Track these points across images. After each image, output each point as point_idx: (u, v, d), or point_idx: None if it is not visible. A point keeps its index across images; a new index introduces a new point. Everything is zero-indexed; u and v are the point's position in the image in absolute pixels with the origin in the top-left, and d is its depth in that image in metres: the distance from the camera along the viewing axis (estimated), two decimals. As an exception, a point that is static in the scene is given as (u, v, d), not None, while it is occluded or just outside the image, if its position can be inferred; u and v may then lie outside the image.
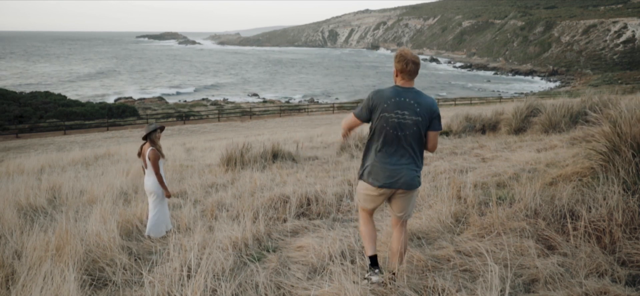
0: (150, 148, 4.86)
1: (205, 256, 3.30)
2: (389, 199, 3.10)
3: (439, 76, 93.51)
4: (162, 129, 4.99)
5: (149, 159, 4.83)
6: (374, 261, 3.13)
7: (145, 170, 4.96)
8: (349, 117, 3.11)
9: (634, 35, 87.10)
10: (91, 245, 3.99)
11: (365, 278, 3.10)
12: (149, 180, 4.91)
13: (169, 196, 5.01)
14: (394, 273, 3.08)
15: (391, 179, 2.95)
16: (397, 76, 3.01)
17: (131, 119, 37.61)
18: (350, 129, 3.15)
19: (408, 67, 2.94)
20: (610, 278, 3.00)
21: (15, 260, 3.69)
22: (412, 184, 3.01)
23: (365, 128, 8.78)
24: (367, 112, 3.00)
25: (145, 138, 4.92)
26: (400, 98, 2.93)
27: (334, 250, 3.69)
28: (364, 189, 3.08)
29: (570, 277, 3.03)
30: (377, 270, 3.10)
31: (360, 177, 3.10)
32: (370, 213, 3.20)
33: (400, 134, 2.93)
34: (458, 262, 3.38)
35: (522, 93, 63.14)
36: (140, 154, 4.97)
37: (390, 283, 3.03)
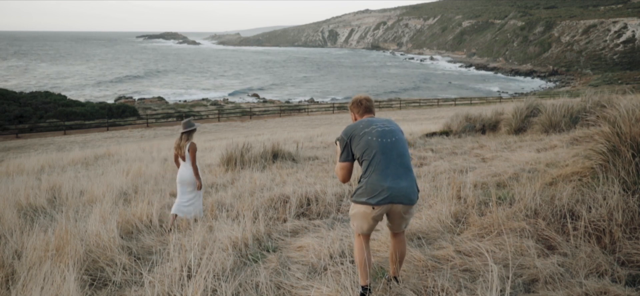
0: (190, 142, 5.30)
1: (206, 256, 3.30)
2: (387, 215, 2.92)
3: (439, 76, 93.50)
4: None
5: (189, 152, 5.26)
6: (366, 290, 2.91)
7: (182, 163, 5.33)
8: (338, 166, 3.00)
9: (634, 35, 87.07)
10: (91, 245, 3.99)
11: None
12: (187, 171, 5.27)
13: (199, 186, 5.36)
14: (394, 278, 3.09)
15: (389, 193, 2.76)
16: (358, 119, 3.11)
17: (131, 119, 37.61)
18: (346, 177, 3.01)
19: (363, 104, 3.11)
20: (610, 278, 3.00)
21: (15, 260, 3.69)
22: (412, 198, 2.85)
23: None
24: (348, 149, 2.93)
25: (187, 134, 5.30)
26: (370, 119, 3.00)
27: (334, 250, 3.69)
28: (358, 211, 2.86)
29: (570, 277, 3.03)
30: None
31: (354, 200, 2.89)
32: (367, 237, 2.96)
33: (388, 141, 2.85)
34: (458, 262, 3.38)
35: (522, 93, 63.16)
36: (178, 148, 5.31)
37: (392, 287, 3.03)
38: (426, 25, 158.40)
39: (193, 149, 5.27)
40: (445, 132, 12.13)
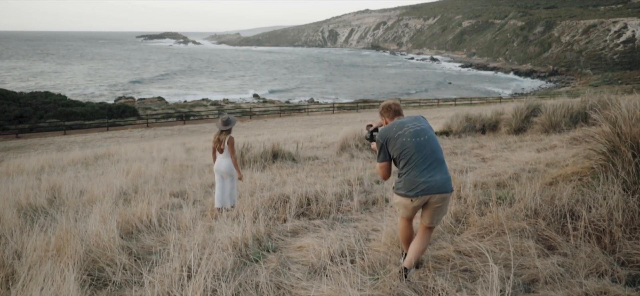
0: (229, 135, 5.81)
1: (205, 256, 3.30)
2: (423, 206, 3.20)
3: (439, 75, 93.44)
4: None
5: (228, 144, 5.78)
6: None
7: (219, 154, 5.82)
8: (377, 166, 3.35)
9: (634, 35, 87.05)
10: (91, 245, 3.98)
11: (399, 262, 3.35)
12: (224, 162, 5.77)
13: (240, 178, 5.93)
14: (406, 270, 3.16)
15: (425, 186, 3.07)
16: (389, 122, 3.40)
17: (131, 119, 37.60)
18: (386, 174, 3.33)
19: (392, 108, 3.43)
20: (610, 278, 3.00)
21: (15, 260, 3.69)
22: (447, 187, 3.12)
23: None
24: (385, 151, 3.24)
25: (227, 129, 5.82)
26: (401, 121, 3.28)
27: (334, 250, 3.69)
28: (399, 201, 3.23)
29: (570, 277, 3.03)
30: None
31: (395, 192, 3.24)
32: (410, 220, 3.32)
33: (421, 139, 3.13)
34: (458, 262, 3.38)
35: (522, 93, 63.13)
36: (218, 141, 5.80)
37: (401, 279, 3.10)
38: (426, 25, 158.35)
39: (231, 142, 5.79)
40: (445, 132, 12.13)
